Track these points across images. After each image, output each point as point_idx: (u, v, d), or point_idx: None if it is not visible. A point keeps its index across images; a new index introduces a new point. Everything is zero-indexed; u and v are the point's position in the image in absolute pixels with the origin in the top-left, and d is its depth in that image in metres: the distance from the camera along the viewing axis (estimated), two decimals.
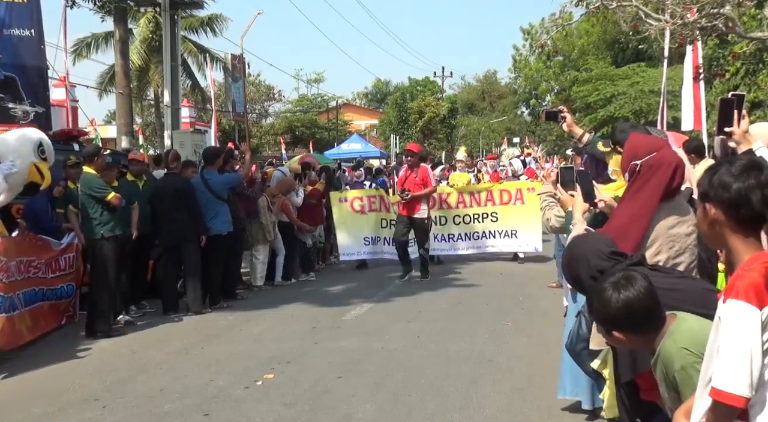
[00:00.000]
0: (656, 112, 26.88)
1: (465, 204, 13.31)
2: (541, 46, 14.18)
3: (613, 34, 35.63)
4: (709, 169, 2.28)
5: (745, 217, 2.13)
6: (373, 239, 13.03)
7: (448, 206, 13.31)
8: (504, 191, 13.35)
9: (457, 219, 13.33)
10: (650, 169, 3.42)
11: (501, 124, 60.81)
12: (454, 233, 13.35)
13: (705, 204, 2.22)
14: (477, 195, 13.37)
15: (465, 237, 13.39)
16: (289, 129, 45.25)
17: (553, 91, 48.36)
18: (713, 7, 8.41)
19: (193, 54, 31.97)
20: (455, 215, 13.31)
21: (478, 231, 13.34)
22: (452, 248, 13.44)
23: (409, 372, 6.39)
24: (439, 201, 13.06)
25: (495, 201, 13.28)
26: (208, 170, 9.76)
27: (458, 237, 13.38)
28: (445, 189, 13.53)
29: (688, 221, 3.56)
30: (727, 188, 2.14)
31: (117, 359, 7.18)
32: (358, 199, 13.03)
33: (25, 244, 7.53)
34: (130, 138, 17.93)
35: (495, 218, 13.31)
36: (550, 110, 4.67)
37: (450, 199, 13.34)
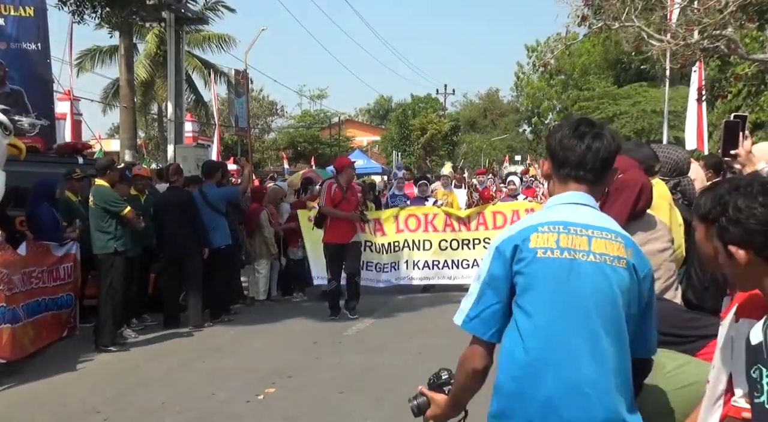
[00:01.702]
0: (658, 131, 27.04)
1: (453, 228, 11.80)
2: (544, 64, 14.23)
3: (615, 54, 35.81)
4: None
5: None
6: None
7: (434, 229, 11.79)
8: (498, 213, 11.77)
9: (443, 244, 11.77)
10: (616, 191, 3.46)
11: (503, 142, 60.94)
12: (440, 260, 11.80)
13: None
14: (467, 218, 11.86)
15: (453, 265, 11.84)
16: (291, 144, 45.37)
17: (555, 109, 48.52)
18: (715, 29, 8.47)
19: (198, 69, 32.14)
20: (441, 240, 11.78)
21: (468, 259, 11.69)
22: (438, 276, 11.86)
23: (411, 389, 6.33)
24: (424, 223, 11.80)
25: (488, 225, 11.74)
26: (207, 183, 9.79)
27: (444, 265, 11.83)
28: (431, 210, 12.09)
29: (660, 238, 3.61)
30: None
31: (118, 372, 7.18)
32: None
33: (28, 255, 7.55)
34: (133, 152, 18.00)
35: (488, 243, 11.36)
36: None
37: (436, 221, 11.83)
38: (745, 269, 1.88)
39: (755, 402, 1.74)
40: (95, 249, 8.10)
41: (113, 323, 8.11)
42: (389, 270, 11.67)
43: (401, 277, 11.77)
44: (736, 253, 1.87)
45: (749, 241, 1.84)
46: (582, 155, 2.35)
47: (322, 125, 54.97)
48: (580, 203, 2.35)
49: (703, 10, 8.51)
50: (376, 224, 11.58)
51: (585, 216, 2.33)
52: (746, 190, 1.87)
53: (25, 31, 11.67)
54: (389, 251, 11.70)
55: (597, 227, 2.30)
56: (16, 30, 11.58)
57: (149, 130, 38.71)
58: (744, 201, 1.85)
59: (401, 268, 11.71)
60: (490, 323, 2.29)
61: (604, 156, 2.36)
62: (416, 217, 11.79)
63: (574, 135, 2.37)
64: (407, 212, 11.87)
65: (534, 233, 2.26)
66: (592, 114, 32.36)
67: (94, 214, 8.08)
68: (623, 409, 2.20)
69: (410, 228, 11.75)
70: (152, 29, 26.79)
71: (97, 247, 8.08)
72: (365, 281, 11.16)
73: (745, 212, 1.84)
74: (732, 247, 1.88)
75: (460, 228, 11.76)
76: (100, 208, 8.04)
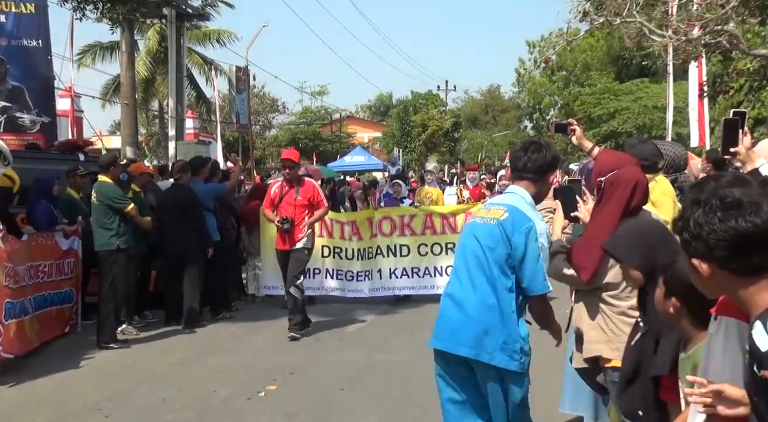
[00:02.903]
0: (659, 127, 27.00)
1: (435, 230, 10.42)
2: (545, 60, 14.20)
3: (616, 50, 35.75)
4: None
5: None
6: (307, 272, 9.76)
7: (412, 232, 10.46)
8: None
9: (423, 249, 10.41)
10: (611, 186, 3.45)
11: (504, 138, 60.88)
12: (420, 267, 10.44)
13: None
14: (451, 219, 10.38)
15: (435, 273, 10.40)
16: (292, 141, 45.33)
17: (557, 105, 48.48)
18: (717, 24, 8.44)
19: (199, 65, 32.14)
20: (421, 244, 10.42)
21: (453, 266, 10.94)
22: (419, 285, 10.47)
23: (412, 385, 6.39)
24: (400, 225, 10.47)
25: None
26: (194, 179, 9.73)
27: (425, 272, 10.45)
28: (409, 211, 10.79)
29: None
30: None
31: (119, 369, 7.19)
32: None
33: (34, 249, 7.55)
34: (134, 149, 17.99)
35: None
36: (560, 122, 4.68)
37: (414, 223, 10.47)
38: (709, 282, 1.93)
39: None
40: (97, 246, 8.09)
41: (115, 320, 8.11)
42: (363, 279, 10.42)
43: (376, 287, 10.46)
44: (699, 266, 1.92)
45: (711, 255, 1.89)
46: (524, 163, 3.67)
47: (323, 121, 54.97)
48: (509, 192, 3.73)
49: (705, 5, 8.49)
50: (353, 228, 10.48)
51: (503, 199, 3.72)
52: (706, 205, 1.90)
53: (26, 27, 11.68)
54: (363, 257, 10.44)
55: (499, 204, 3.66)
56: (17, 27, 11.59)
57: (150, 127, 38.72)
58: (703, 217, 1.89)
59: (375, 277, 10.43)
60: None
61: (538, 164, 3.65)
62: (391, 219, 10.52)
63: (520, 150, 3.76)
64: (381, 213, 10.72)
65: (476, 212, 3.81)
66: (593, 110, 32.37)
67: (97, 210, 8.06)
68: (488, 318, 3.44)
69: (384, 232, 10.46)
70: (153, 26, 26.77)
71: (99, 244, 8.06)
72: (333, 291, 10.42)
73: (705, 228, 1.88)
74: (695, 260, 1.93)
75: (443, 230, 10.39)
76: (104, 204, 8.01)
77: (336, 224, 10.46)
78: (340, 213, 10.96)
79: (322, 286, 10.42)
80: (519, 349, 3.47)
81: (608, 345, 3.39)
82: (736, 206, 1.86)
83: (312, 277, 10.13)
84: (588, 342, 3.49)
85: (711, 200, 1.90)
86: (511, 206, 3.54)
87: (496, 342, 3.43)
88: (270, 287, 10.35)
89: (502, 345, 3.43)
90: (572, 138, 4.60)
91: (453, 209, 10.73)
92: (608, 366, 3.40)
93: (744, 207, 1.85)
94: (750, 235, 1.84)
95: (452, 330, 3.54)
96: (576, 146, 4.68)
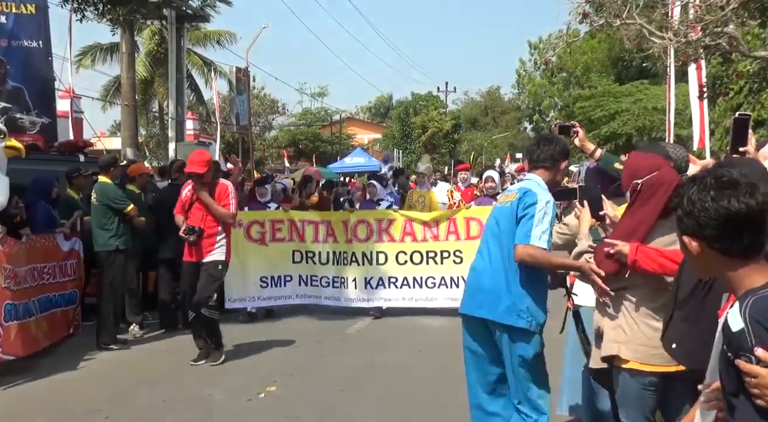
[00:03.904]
0: (659, 129, 27.01)
1: (415, 237, 9.49)
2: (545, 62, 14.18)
3: (616, 52, 35.78)
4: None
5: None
6: (275, 279, 9.58)
7: (390, 238, 9.51)
8: (473, 220, 9.23)
9: (402, 257, 9.46)
10: (651, 187, 3.44)
11: (504, 139, 60.94)
12: (398, 277, 9.48)
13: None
14: (433, 227, 9.44)
15: (414, 284, 9.46)
16: (292, 142, 45.42)
17: (557, 107, 48.51)
18: (717, 26, 8.45)
19: (198, 67, 32.16)
20: (400, 252, 9.48)
21: (435, 277, 9.38)
22: (396, 297, 9.56)
23: (412, 387, 6.39)
24: (377, 231, 9.54)
25: (459, 234, 9.34)
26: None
27: (404, 283, 9.49)
28: (387, 214, 9.70)
29: None
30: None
31: (119, 370, 7.19)
32: (257, 224, 9.59)
33: (35, 250, 7.54)
34: (134, 150, 17.99)
35: (459, 257, 9.27)
36: (563, 124, 4.68)
37: (393, 229, 9.51)
38: (698, 259, 1.96)
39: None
40: (96, 247, 8.09)
41: (114, 321, 8.11)
42: (339, 286, 9.62)
43: (350, 298, 9.61)
44: (689, 244, 1.95)
45: (701, 233, 1.90)
46: (538, 155, 4.28)
47: (323, 122, 54.99)
48: (527, 178, 4.32)
49: (705, 7, 8.50)
50: (328, 228, 9.63)
51: (519, 185, 4.33)
52: (701, 183, 1.92)
53: (27, 28, 11.67)
54: (339, 261, 9.64)
55: (515, 189, 4.25)
56: (18, 27, 11.58)
57: (150, 128, 38.74)
58: (697, 194, 1.91)
59: (351, 286, 9.58)
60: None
61: (550, 154, 4.25)
62: (367, 223, 9.58)
63: (534, 144, 4.41)
64: (357, 216, 9.83)
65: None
66: (593, 112, 32.40)
67: (97, 211, 8.05)
68: (499, 281, 4.08)
69: (359, 237, 9.57)
70: (150, 26, 26.78)
71: (98, 244, 8.06)
72: (307, 299, 9.67)
73: (697, 205, 1.90)
74: (686, 237, 1.95)
75: (425, 237, 9.47)
76: (104, 205, 8.01)
77: (308, 225, 9.64)
78: (312, 212, 10.11)
79: (294, 294, 9.68)
80: (525, 309, 4.03)
81: (626, 346, 3.35)
82: (731, 185, 1.86)
83: (283, 285, 9.61)
84: (607, 340, 3.46)
85: (706, 178, 1.92)
86: (522, 187, 4.20)
87: (505, 304, 4.04)
88: (233, 301, 9.46)
89: (510, 305, 4.03)
90: (575, 140, 4.60)
91: (436, 216, 9.63)
92: (624, 366, 3.36)
93: (740, 188, 1.85)
94: (741, 216, 1.84)
95: (472, 296, 4.24)
96: (578, 148, 4.68)
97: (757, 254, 1.89)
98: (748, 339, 1.75)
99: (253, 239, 9.51)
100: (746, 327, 1.76)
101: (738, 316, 1.78)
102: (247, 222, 9.49)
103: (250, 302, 9.55)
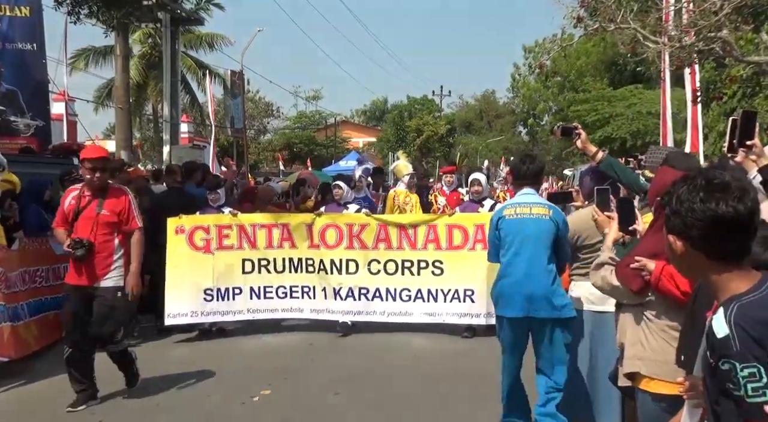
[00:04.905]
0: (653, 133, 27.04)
1: (390, 244, 8.51)
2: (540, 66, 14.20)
3: (610, 56, 35.88)
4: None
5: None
6: (222, 292, 8.58)
7: (362, 245, 8.54)
8: (456, 228, 8.35)
9: (374, 266, 8.51)
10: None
11: (499, 143, 61.04)
12: (370, 288, 8.53)
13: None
14: (410, 232, 8.47)
15: (388, 296, 8.51)
16: (287, 146, 45.43)
17: (551, 111, 48.61)
18: (710, 31, 8.48)
19: (192, 70, 32.14)
20: (372, 260, 8.53)
21: (410, 289, 8.44)
22: (366, 310, 8.57)
23: (407, 390, 6.39)
24: (347, 237, 8.54)
25: (440, 243, 8.40)
26: (187, 184, 9.65)
27: (375, 295, 8.53)
28: (359, 218, 8.68)
29: None
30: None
31: (113, 372, 7.13)
32: (201, 229, 8.58)
33: (27, 254, 7.54)
34: (129, 153, 17.98)
35: (439, 269, 8.40)
36: (566, 126, 4.68)
37: (365, 234, 8.53)
38: (681, 260, 1.95)
39: (735, 395, 1.75)
40: None
41: None
42: (299, 296, 8.69)
43: (318, 309, 8.69)
44: (674, 243, 1.93)
45: (686, 233, 1.89)
46: (524, 171, 5.05)
47: (317, 126, 55.01)
48: (526, 193, 5.02)
49: (698, 12, 8.53)
50: (283, 232, 8.62)
51: (529, 199, 4.97)
52: (692, 184, 1.90)
53: (21, 31, 11.68)
54: (299, 268, 8.67)
55: (535, 203, 4.94)
56: (12, 30, 11.59)
57: (145, 131, 38.70)
58: (686, 194, 1.90)
59: (319, 296, 8.66)
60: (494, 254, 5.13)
61: (534, 171, 5.05)
62: (336, 228, 8.60)
63: (519, 162, 5.20)
64: (324, 220, 8.67)
65: (505, 209, 5.04)
66: (587, 116, 32.45)
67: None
68: (548, 284, 4.79)
69: (328, 243, 8.59)
70: (141, 29, 26.77)
71: None
72: (261, 313, 8.72)
73: (685, 205, 1.89)
74: (671, 236, 1.94)
75: (401, 245, 8.49)
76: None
77: (260, 230, 8.64)
78: (265, 214, 8.95)
79: (246, 308, 8.68)
80: (569, 303, 4.81)
81: (646, 362, 3.26)
82: (722, 188, 1.85)
83: (231, 298, 8.62)
84: (627, 358, 3.39)
85: (697, 179, 1.91)
86: (549, 204, 4.97)
87: (559, 302, 4.78)
88: (173, 316, 8.48)
89: (564, 303, 4.78)
90: (577, 142, 4.61)
91: (414, 219, 8.74)
92: (643, 386, 3.26)
93: (730, 191, 1.84)
94: (728, 220, 1.83)
95: (528, 300, 4.82)
96: (580, 150, 4.70)
97: (742, 259, 1.88)
98: (733, 346, 1.74)
99: (197, 246, 8.53)
100: (731, 333, 1.75)
101: (723, 322, 1.78)
102: (191, 228, 8.54)
103: (193, 318, 8.54)
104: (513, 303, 4.85)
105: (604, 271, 3.51)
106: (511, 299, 4.86)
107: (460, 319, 8.41)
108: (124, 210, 5.98)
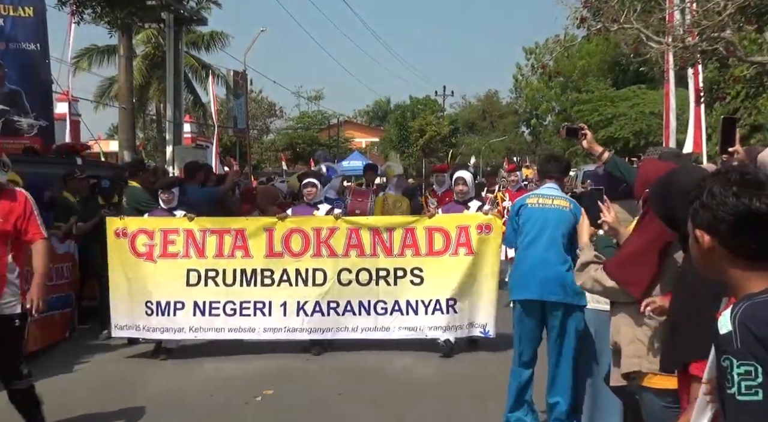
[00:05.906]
0: (656, 133, 27.06)
1: (363, 251, 7.53)
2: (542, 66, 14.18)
3: (613, 56, 35.88)
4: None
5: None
6: (162, 306, 7.50)
7: (330, 251, 7.53)
8: (437, 231, 7.46)
9: (345, 276, 7.52)
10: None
11: (501, 143, 61.03)
12: (340, 302, 7.52)
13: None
14: (385, 236, 7.50)
15: (361, 309, 7.55)
16: (290, 146, 45.39)
17: (554, 111, 48.59)
18: (714, 31, 8.47)
19: (195, 70, 32.14)
20: (343, 269, 7.52)
21: (387, 301, 7.50)
22: (336, 326, 7.55)
23: (411, 391, 6.38)
24: (315, 243, 7.53)
25: (419, 248, 7.48)
26: (189, 184, 9.65)
27: (347, 308, 7.54)
28: (328, 222, 7.62)
29: None
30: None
31: (115, 373, 7.17)
32: (145, 234, 7.59)
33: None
34: (132, 153, 18.00)
35: (418, 277, 7.49)
36: (572, 126, 4.67)
37: (334, 240, 7.53)
38: (706, 255, 1.91)
39: (727, 393, 1.74)
40: None
41: None
42: (251, 314, 7.57)
43: (276, 327, 7.60)
44: (702, 238, 1.89)
45: (715, 228, 1.86)
46: (549, 167, 5.42)
47: (320, 126, 55.01)
48: (550, 187, 5.30)
49: (702, 12, 8.53)
50: (236, 239, 7.57)
51: (552, 192, 5.26)
52: (724, 177, 1.87)
53: (25, 31, 11.70)
54: (253, 281, 7.57)
55: (557, 196, 5.22)
56: (16, 30, 11.61)
57: (148, 131, 38.73)
58: (719, 188, 1.86)
59: (276, 314, 7.57)
60: (511, 239, 5.50)
61: (560, 168, 5.44)
62: (302, 233, 7.56)
63: (545, 160, 5.78)
64: (289, 225, 7.61)
65: (528, 198, 5.35)
66: (590, 116, 32.49)
67: (127, 214, 8.13)
68: (563, 269, 4.95)
69: (293, 251, 7.53)
70: (145, 30, 26.78)
71: None
72: (205, 332, 7.62)
73: (717, 199, 1.85)
74: (699, 231, 1.90)
75: (374, 251, 7.52)
76: (131, 208, 8.20)
77: (211, 237, 7.57)
78: (218, 219, 7.89)
79: (187, 326, 7.55)
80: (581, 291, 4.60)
81: (646, 359, 3.19)
82: (756, 184, 1.83)
83: (172, 314, 7.53)
84: (626, 357, 3.29)
85: (731, 173, 1.87)
86: (570, 199, 5.28)
87: (572, 289, 4.74)
88: (121, 328, 7.63)
89: (577, 290, 4.62)
90: (582, 143, 4.59)
91: (390, 222, 7.75)
92: (646, 384, 3.18)
93: (764, 187, 1.82)
94: (760, 217, 1.81)
95: (542, 284, 5.01)
96: (586, 150, 4.67)
97: (763, 259, 1.85)
98: (734, 343, 1.74)
99: (138, 253, 7.53)
100: (734, 329, 1.74)
101: (728, 319, 1.77)
102: (133, 231, 7.56)
103: (138, 333, 7.63)
104: (528, 286, 5.07)
105: (593, 271, 3.37)
106: (526, 282, 5.09)
107: (443, 333, 7.43)
108: (23, 216, 4.78)
